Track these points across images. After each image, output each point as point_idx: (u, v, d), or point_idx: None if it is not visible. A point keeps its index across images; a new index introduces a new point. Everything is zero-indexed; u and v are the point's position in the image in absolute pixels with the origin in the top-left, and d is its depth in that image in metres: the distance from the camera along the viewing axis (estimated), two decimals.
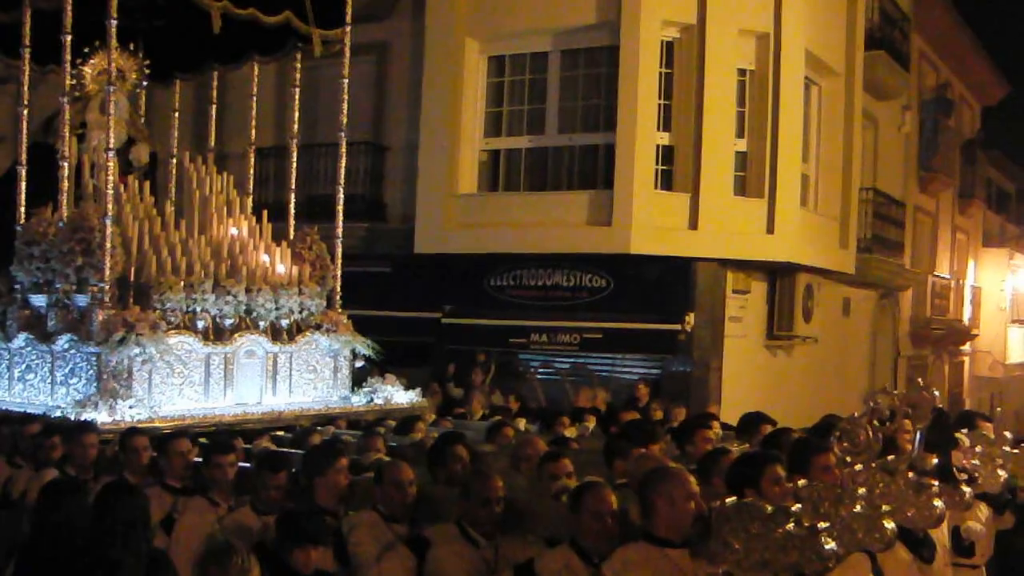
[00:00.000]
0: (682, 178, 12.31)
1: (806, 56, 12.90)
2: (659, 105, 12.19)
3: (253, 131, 10.56)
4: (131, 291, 8.16)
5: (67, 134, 8.54)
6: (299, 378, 9.09)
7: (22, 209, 8.74)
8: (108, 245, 7.93)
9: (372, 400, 9.30)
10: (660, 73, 12.18)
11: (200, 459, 5.79)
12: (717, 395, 12.65)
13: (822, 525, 3.04)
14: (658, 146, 12.22)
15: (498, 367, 12.68)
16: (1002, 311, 25.13)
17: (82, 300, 8.10)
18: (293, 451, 6.44)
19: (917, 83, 18.93)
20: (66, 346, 8.05)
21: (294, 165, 10.36)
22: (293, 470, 5.26)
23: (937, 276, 20.81)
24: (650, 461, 4.94)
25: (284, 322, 8.98)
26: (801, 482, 3.30)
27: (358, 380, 9.61)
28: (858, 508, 3.13)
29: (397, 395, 9.48)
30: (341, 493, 5.11)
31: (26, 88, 8.84)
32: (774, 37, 12.50)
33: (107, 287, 7.91)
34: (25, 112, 8.87)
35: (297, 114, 10.35)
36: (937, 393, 4.03)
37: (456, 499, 4.69)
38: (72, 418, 7.23)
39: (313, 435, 7.21)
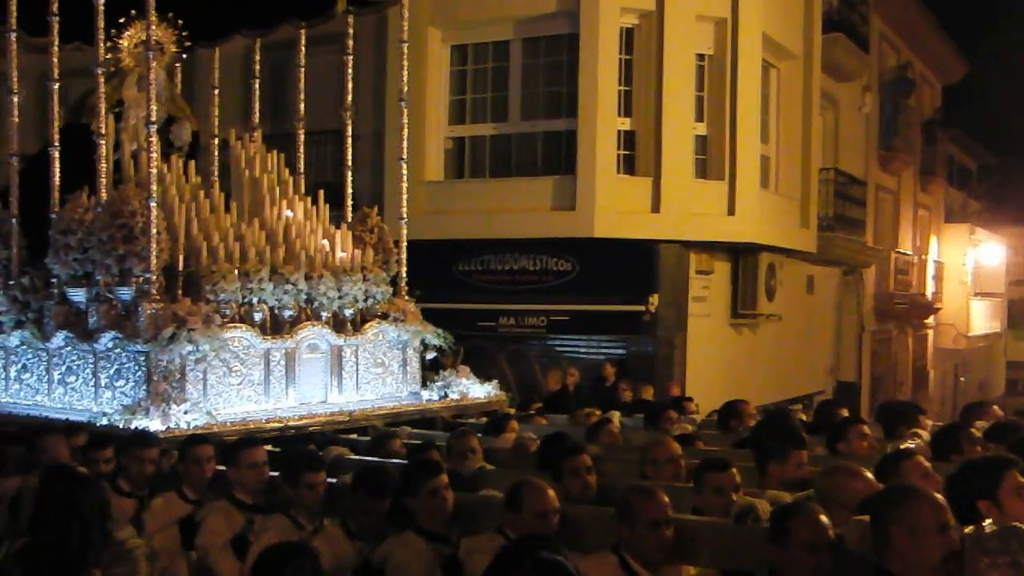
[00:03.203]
0: (644, 162, 12.57)
1: (763, 40, 13.17)
2: (619, 91, 12.42)
3: (302, 106, 9.50)
4: (179, 282, 7.34)
5: (103, 109, 7.65)
6: (366, 373, 8.20)
7: (56, 195, 7.85)
8: (153, 230, 7.05)
9: (446, 395, 8.43)
10: (620, 59, 12.40)
11: (278, 473, 5.10)
12: (682, 373, 12.98)
13: None
14: (619, 131, 12.46)
15: (466, 351, 12.92)
16: (964, 285, 25.63)
17: (126, 293, 7.25)
18: (387, 460, 5.72)
19: (877, 64, 19.24)
20: (110, 345, 7.18)
21: (349, 142, 9.47)
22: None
23: (899, 252, 21.22)
24: (852, 476, 3.88)
25: (348, 312, 8.07)
26: None
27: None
28: None
29: (474, 389, 8.58)
30: (444, 516, 4.44)
31: (55, 60, 8.04)
32: (731, 22, 12.76)
33: (153, 278, 7.07)
34: (56, 87, 8.03)
35: (350, 86, 9.51)
36: None
37: (609, 522, 3.94)
38: (121, 425, 6.47)
39: (393, 439, 6.47)
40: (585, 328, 12.86)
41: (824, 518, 3.36)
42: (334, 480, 4.96)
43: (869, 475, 3.90)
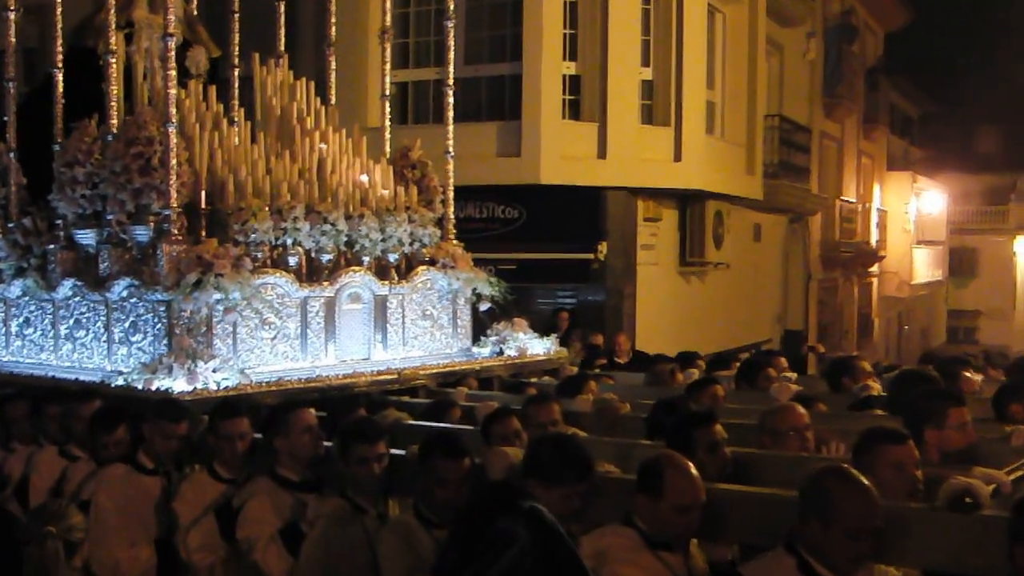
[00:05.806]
0: (589, 108, 12.41)
1: None
2: (564, 35, 12.24)
3: (333, 28, 8.71)
4: (203, 220, 6.43)
5: (112, 25, 6.80)
6: (413, 327, 7.32)
7: (60, 124, 7.01)
8: (173, 161, 6.11)
9: (502, 352, 7.56)
10: (564, 2, 12.20)
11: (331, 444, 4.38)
12: (632, 322, 12.96)
13: None
14: (564, 76, 12.30)
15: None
16: (907, 233, 25.98)
17: (142, 234, 6.37)
18: (449, 426, 5.05)
19: (822, 9, 19.25)
20: (124, 293, 6.29)
21: (388, 66, 8.75)
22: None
23: (844, 200, 21.40)
24: None
25: (392, 256, 7.20)
26: None
27: None
28: None
29: (532, 344, 7.69)
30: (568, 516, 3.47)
31: None
32: None
33: (174, 215, 6.16)
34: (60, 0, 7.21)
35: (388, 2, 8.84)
36: None
37: (761, 507, 3.29)
38: (139, 387, 5.54)
39: (453, 408, 5.65)
40: (534, 277, 12.72)
41: None
42: (401, 452, 4.22)
43: None
